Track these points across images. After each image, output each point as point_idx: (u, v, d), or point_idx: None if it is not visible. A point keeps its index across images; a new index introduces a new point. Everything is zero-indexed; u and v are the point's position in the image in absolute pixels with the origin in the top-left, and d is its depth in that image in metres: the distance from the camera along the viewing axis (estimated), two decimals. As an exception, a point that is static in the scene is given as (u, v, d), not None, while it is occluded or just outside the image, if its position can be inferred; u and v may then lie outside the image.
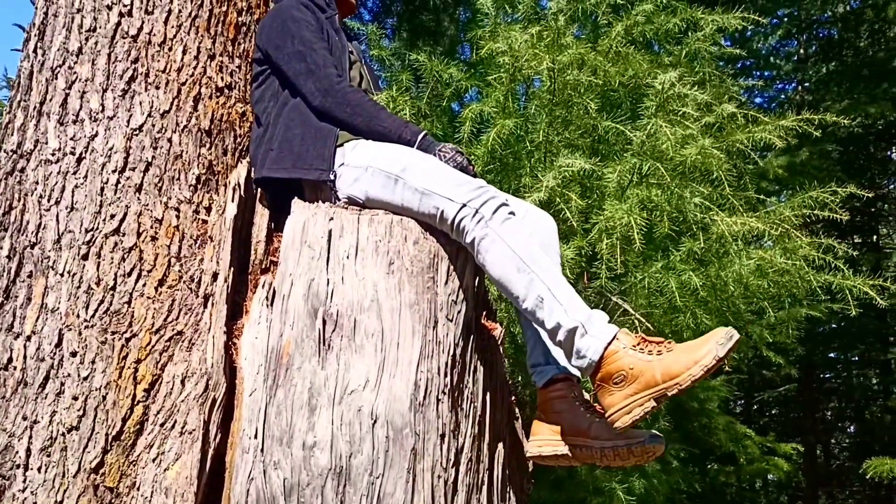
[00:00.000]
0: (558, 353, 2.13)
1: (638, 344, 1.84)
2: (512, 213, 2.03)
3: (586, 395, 2.11)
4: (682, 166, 2.94)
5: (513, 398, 2.48)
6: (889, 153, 14.83)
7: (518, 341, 3.29)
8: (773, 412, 16.77)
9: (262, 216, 2.35)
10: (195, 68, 2.43)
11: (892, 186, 15.93)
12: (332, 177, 2.19)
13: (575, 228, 2.93)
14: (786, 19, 11.81)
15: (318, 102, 2.24)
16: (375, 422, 1.94)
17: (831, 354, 15.02)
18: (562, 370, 2.11)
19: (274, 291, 2.16)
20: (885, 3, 11.09)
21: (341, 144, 2.23)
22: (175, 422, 2.08)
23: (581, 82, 3.06)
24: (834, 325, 13.36)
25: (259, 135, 2.36)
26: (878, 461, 6.19)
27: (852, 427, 16.97)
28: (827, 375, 15.83)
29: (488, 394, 2.19)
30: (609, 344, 1.86)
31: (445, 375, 2.06)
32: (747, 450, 7.10)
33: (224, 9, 2.55)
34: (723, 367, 1.75)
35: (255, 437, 1.99)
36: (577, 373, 2.12)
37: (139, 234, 2.21)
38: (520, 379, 3.33)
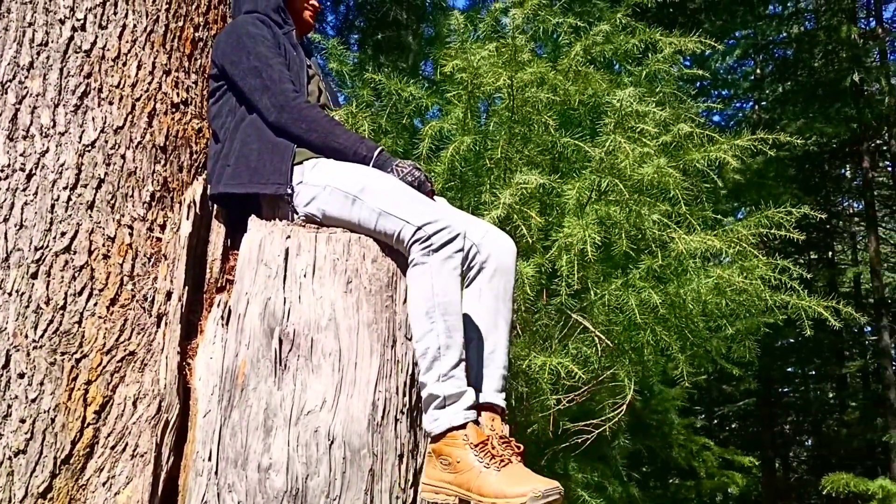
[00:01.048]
0: (489, 382, 2.11)
1: (479, 444, 1.89)
2: (460, 250, 2.03)
3: (505, 430, 2.09)
4: (640, 184, 2.96)
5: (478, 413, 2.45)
6: (843, 171, 15.18)
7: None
8: (733, 426, 16.97)
9: (218, 234, 2.32)
10: (150, 84, 2.39)
11: (845, 204, 16.29)
12: (289, 191, 2.17)
13: (534, 246, 2.94)
14: (743, 40, 12.04)
15: (273, 118, 2.21)
16: (332, 443, 1.91)
17: (789, 369, 15.26)
18: (487, 399, 2.09)
19: (229, 310, 2.13)
20: (836, 25, 11.38)
21: (300, 162, 2.21)
22: (126, 444, 2.03)
23: (540, 100, 3.08)
24: (791, 340, 13.58)
25: (216, 151, 2.33)
26: (835, 476, 6.29)
27: (809, 441, 17.23)
28: (785, 390, 16.07)
29: (447, 413, 2.18)
30: (455, 429, 1.92)
31: (404, 395, 2.04)
32: (706, 463, 7.16)
33: (180, 24, 2.52)
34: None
35: (209, 459, 1.95)
36: (502, 404, 2.11)
37: (91, 253, 2.16)
38: (480, 397, 3.31)
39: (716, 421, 16.41)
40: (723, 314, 3.33)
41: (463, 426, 1.93)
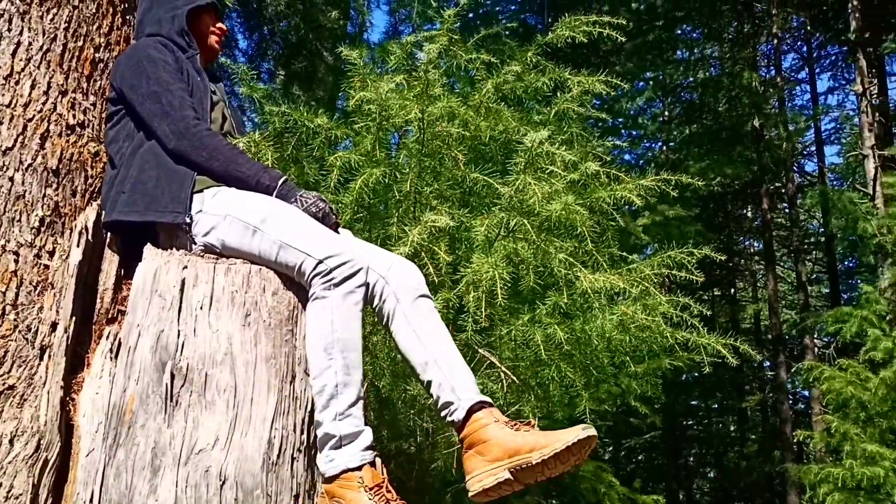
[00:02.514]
0: (463, 384, 2.07)
1: (374, 487, 1.87)
2: (362, 284, 2.00)
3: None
4: (548, 222, 2.99)
5: (375, 453, 2.40)
6: (744, 212, 15.82)
7: (382, 395, 3.24)
8: (640, 458, 17.29)
9: (111, 262, 2.22)
10: (44, 104, 2.29)
11: (747, 243, 16.96)
12: (187, 220, 2.10)
13: (442, 281, 2.92)
14: (651, 82, 12.47)
15: (172, 145, 2.14)
16: (224, 483, 1.84)
17: (692, 402, 15.67)
18: (475, 399, 2.04)
19: (119, 343, 2.03)
20: (739, 73, 11.91)
21: (200, 191, 2.14)
22: (0, 485, 1.90)
23: (451, 134, 3.09)
24: (695, 374, 13.96)
25: (112, 176, 2.24)
26: (734, 507, 6.45)
27: (712, 473, 17.68)
28: (688, 423, 16.48)
29: (347, 451, 2.12)
30: (348, 471, 1.89)
31: (302, 433, 1.98)
32: (612, 499, 7.23)
33: (80, 44, 2.43)
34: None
35: (91, 501, 1.85)
36: (487, 398, 2.06)
37: (-30, 280, 2.04)
38: (385, 433, 3.26)
39: (623, 453, 16.68)
40: (626, 351, 3.38)
41: (359, 468, 1.89)
